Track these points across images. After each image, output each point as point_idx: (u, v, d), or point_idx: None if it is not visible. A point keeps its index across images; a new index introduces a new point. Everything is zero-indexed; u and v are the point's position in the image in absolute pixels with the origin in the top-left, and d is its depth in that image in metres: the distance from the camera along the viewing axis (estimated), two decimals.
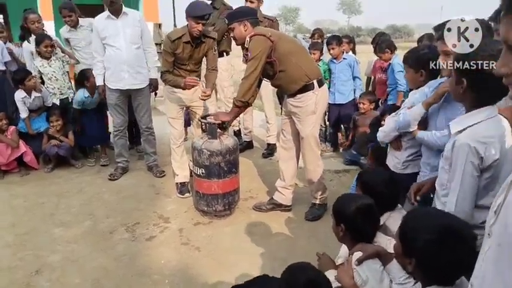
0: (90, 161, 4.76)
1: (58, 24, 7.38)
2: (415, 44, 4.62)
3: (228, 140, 3.27)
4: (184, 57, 3.60)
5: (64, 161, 4.66)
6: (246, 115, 5.18)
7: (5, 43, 4.82)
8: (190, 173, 3.82)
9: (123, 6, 4.04)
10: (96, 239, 3.13)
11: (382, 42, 4.74)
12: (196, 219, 3.41)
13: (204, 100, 3.76)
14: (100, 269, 2.74)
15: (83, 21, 4.77)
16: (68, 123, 4.63)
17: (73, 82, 5.09)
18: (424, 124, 2.30)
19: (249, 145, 5.23)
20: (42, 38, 4.53)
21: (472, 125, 1.59)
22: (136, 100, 4.27)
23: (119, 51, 4.00)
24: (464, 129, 1.61)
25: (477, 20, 1.72)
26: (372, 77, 5.21)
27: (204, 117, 3.37)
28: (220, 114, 3.38)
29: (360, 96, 4.68)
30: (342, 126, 5.19)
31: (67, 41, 4.83)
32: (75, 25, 4.72)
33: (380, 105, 4.76)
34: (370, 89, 5.30)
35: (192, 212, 3.53)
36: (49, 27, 5.26)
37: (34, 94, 4.46)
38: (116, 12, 3.97)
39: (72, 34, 4.78)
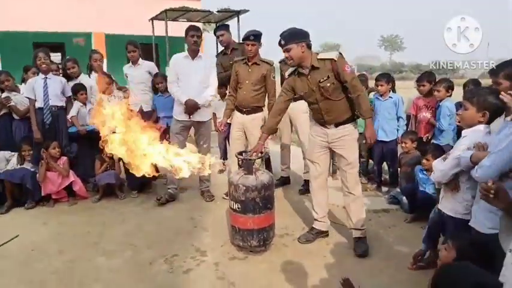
0: (133, 193, 4.99)
1: (110, 62, 7.96)
2: (461, 81, 4.59)
3: (263, 176, 3.34)
4: (241, 76, 4.37)
5: (110, 192, 4.92)
6: (283, 151, 5.26)
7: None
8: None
9: (199, 51, 4.58)
10: (136, 269, 3.24)
11: (444, 81, 4.64)
12: (232, 254, 3.45)
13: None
14: None
15: (142, 62, 5.32)
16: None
17: None
18: None
19: (285, 181, 5.27)
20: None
21: None
22: (198, 131, 4.73)
23: (187, 88, 4.47)
24: None
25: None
26: (412, 115, 5.18)
27: (240, 153, 3.48)
28: (371, 136, 3.37)
29: (401, 136, 4.66)
30: (385, 163, 5.14)
31: (126, 76, 5.35)
32: (135, 62, 5.24)
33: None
34: (410, 127, 5.25)
35: (228, 246, 3.58)
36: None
37: (89, 106, 5.04)
38: (193, 54, 4.49)
39: (130, 70, 5.31)
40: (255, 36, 4.27)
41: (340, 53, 3.28)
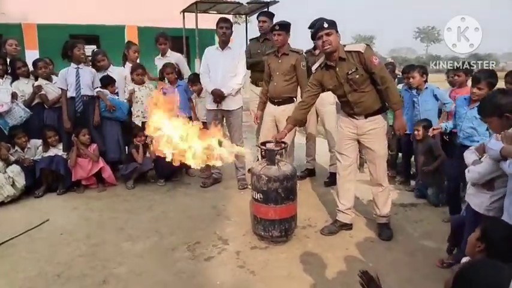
0: (160, 182, 5.09)
1: (142, 54, 8.13)
2: (501, 74, 4.36)
3: (286, 167, 3.31)
4: (272, 68, 4.38)
5: (140, 179, 5.08)
6: (308, 142, 5.21)
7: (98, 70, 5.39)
8: None
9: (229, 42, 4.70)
10: (160, 254, 3.31)
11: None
12: (254, 243, 3.46)
13: None
14: (160, 284, 2.88)
15: (170, 53, 5.50)
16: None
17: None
18: None
19: (311, 173, 5.22)
20: (136, 67, 5.20)
21: None
22: (229, 120, 4.79)
23: (215, 78, 4.65)
24: None
25: None
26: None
27: (263, 143, 3.47)
28: (401, 127, 3.35)
29: (414, 124, 4.49)
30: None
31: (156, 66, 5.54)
32: (164, 53, 5.44)
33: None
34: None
35: (249, 236, 3.59)
36: None
37: (122, 96, 5.26)
38: (223, 45, 4.66)
39: (159, 61, 5.48)
40: (280, 26, 4.20)
41: (367, 45, 3.26)
